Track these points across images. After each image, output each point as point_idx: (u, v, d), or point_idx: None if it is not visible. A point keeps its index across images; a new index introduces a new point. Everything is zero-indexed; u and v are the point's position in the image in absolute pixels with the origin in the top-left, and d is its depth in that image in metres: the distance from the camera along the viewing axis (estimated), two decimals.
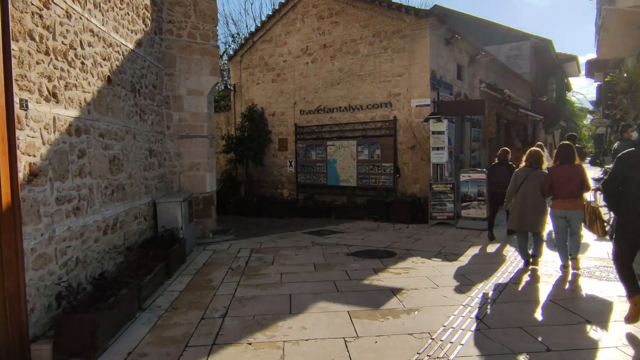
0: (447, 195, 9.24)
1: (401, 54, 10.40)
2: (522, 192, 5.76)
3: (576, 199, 5.42)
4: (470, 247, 7.20)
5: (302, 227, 9.98)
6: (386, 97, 10.71)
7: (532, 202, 5.68)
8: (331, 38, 11.57)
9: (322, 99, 11.84)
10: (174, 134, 7.82)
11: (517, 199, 5.81)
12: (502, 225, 9.05)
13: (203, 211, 8.20)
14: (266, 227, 10.44)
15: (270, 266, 6.32)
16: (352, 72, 11.23)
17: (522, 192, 5.75)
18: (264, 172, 13.40)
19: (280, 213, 11.94)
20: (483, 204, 8.77)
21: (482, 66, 13.83)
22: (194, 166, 8.03)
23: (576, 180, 5.37)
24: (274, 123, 13.05)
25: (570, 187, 5.38)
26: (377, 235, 8.57)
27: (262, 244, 7.97)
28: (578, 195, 5.43)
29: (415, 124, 10.23)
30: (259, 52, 13.25)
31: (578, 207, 5.44)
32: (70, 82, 4.26)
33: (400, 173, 10.57)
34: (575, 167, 5.45)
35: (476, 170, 9.13)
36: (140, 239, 6.16)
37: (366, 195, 10.95)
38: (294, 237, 8.63)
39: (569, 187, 5.38)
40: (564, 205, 5.42)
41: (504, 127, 16.52)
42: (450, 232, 8.58)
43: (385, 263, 6.30)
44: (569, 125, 33.51)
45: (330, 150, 11.67)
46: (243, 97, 13.71)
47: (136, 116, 6.21)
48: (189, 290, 5.27)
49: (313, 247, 7.53)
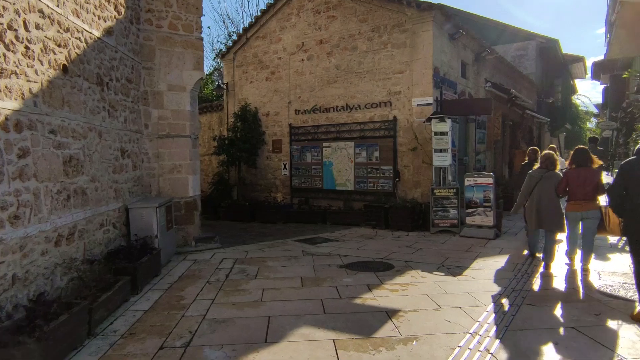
0: (450, 201, 8.56)
1: (402, 50, 9.75)
2: (537, 193, 5.91)
3: (591, 201, 5.53)
4: (476, 259, 6.51)
5: (295, 234, 9.32)
6: (386, 95, 10.05)
7: (547, 202, 5.81)
8: (328, 33, 10.94)
9: (318, 98, 11.20)
10: (153, 133, 7.18)
11: (533, 200, 5.96)
12: (509, 233, 8.38)
13: (185, 217, 7.55)
14: (257, 233, 9.79)
15: (252, 280, 5.65)
16: (349, 69, 10.58)
17: (537, 193, 5.90)
18: (257, 175, 12.75)
19: (273, 218, 11.30)
20: (489, 211, 8.08)
21: (487, 65, 13.16)
22: (175, 168, 7.38)
23: (591, 183, 5.49)
24: (267, 123, 12.42)
25: (585, 189, 5.51)
26: (374, 244, 7.89)
27: (248, 253, 7.31)
28: (593, 198, 5.54)
29: (416, 125, 9.56)
30: (252, 49, 12.63)
31: (593, 208, 5.53)
32: (7, 69, 3.61)
33: (401, 177, 9.89)
34: (591, 171, 5.56)
35: (482, 174, 8.44)
36: (107, 250, 5.51)
37: (364, 200, 10.28)
38: (285, 245, 7.97)
39: (584, 190, 5.51)
40: (579, 207, 5.56)
41: (509, 128, 15.84)
42: (454, 241, 7.90)
43: (381, 277, 5.62)
44: (574, 129, 32.78)
45: (327, 152, 11.01)
46: (236, 96, 13.09)
47: (103, 112, 5.57)
48: (156, 309, 4.61)
49: (303, 258, 6.86)
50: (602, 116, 33.65)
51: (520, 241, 7.76)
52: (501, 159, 14.79)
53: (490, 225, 8.03)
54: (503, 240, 7.81)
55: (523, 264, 6.15)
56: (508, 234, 8.46)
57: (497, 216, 8.19)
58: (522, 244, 7.55)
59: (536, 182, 5.91)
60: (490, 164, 13.39)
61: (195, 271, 6.16)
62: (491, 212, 8.06)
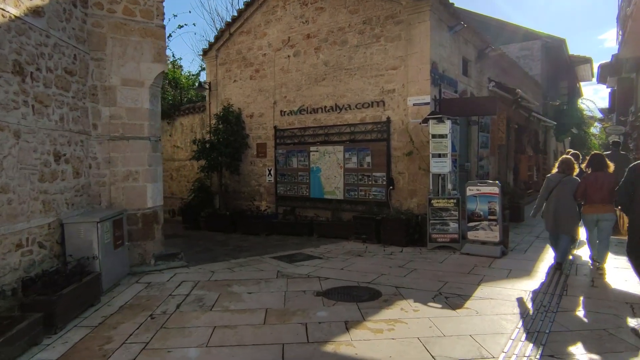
0: (450, 212, 7.52)
1: (396, 43, 8.76)
2: (555, 197, 6.11)
3: (607, 204, 5.77)
4: (480, 285, 5.46)
5: (275, 248, 8.30)
6: (378, 94, 9.05)
7: (565, 205, 6.03)
8: (315, 27, 9.96)
9: (305, 98, 10.21)
10: (104, 134, 6.18)
11: (550, 204, 6.15)
12: (517, 249, 7.30)
13: (142, 232, 6.53)
14: (234, 247, 8.78)
15: (206, 313, 4.62)
16: (339, 65, 9.60)
17: (555, 197, 6.10)
18: (240, 181, 11.74)
19: (255, 229, 10.30)
20: (495, 225, 7.04)
21: (491, 63, 12.17)
22: (129, 175, 6.37)
23: (608, 187, 5.70)
24: (252, 126, 11.42)
25: (602, 193, 5.76)
26: (362, 262, 6.85)
27: (214, 274, 6.28)
28: (609, 201, 5.75)
29: (412, 126, 8.55)
30: (236, 46, 11.67)
31: (609, 211, 5.79)
32: None
33: (395, 185, 8.86)
34: (608, 175, 5.85)
35: (486, 183, 7.39)
36: (27, 276, 4.48)
37: (354, 211, 9.25)
38: (259, 263, 6.94)
39: (602, 193, 5.77)
40: (596, 210, 5.82)
41: (514, 132, 14.80)
42: (454, 260, 6.85)
43: (364, 310, 4.58)
44: (579, 133, 31.68)
45: (314, 157, 9.99)
46: (219, 96, 12.11)
47: (24, 108, 4.57)
48: (68, 359, 3.58)
49: (276, 281, 5.83)
50: (606, 121, 32.64)
51: (530, 260, 6.72)
52: (505, 165, 13.75)
53: (495, 241, 6.98)
54: (511, 260, 6.76)
55: (538, 291, 5.11)
56: (516, 251, 7.41)
57: (503, 231, 7.15)
58: (534, 263, 6.51)
59: (554, 186, 6.12)
60: (494, 170, 12.36)
61: (143, 299, 5.13)
62: (497, 226, 7.01)
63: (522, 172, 14.69)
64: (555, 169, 6.31)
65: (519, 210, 10.25)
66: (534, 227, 9.66)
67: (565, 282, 5.54)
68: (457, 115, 8.27)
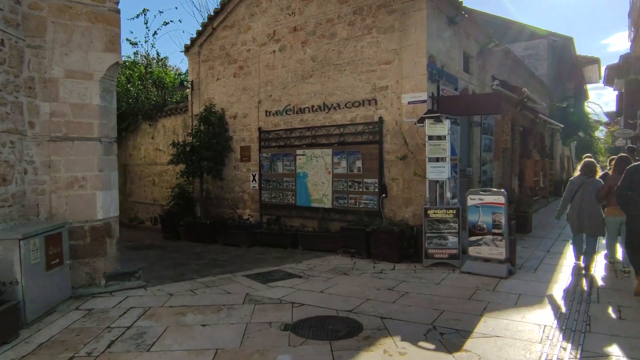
0: (449, 225, 6.60)
1: (389, 35, 7.87)
2: (578, 198, 6.20)
3: None
4: (484, 316, 4.51)
5: (253, 264, 7.41)
6: (370, 91, 8.15)
7: (589, 207, 6.10)
8: (303, 19, 9.09)
9: (291, 96, 9.33)
10: (42, 134, 5.30)
11: (575, 205, 6.25)
12: (526, 267, 6.31)
13: (91, 247, 5.64)
14: (208, 261, 7.89)
15: (141, 355, 3.70)
16: (327, 60, 8.71)
17: (579, 198, 6.19)
18: (224, 187, 10.85)
19: (237, 240, 9.42)
20: (500, 240, 6.10)
21: (494, 60, 11.26)
22: (75, 182, 5.49)
23: None
24: (235, 127, 10.55)
25: None
26: (346, 283, 5.92)
27: (172, 297, 5.38)
28: None
29: (406, 127, 7.64)
30: (219, 41, 10.82)
31: None
32: None
33: (388, 192, 7.94)
34: None
35: (490, 191, 6.44)
36: None
37: (344, 221, 8.33)
38: (229, 284, 6.03)
39: None
40: (619, 212, 5.62)
41: (519, 135, 13.87)
42: (453, 281, 5.91)
43: (337, 353, 3.66)
44: (586, 137, 30.64)
45: (300, 161, 9.09)
46: (202, 95, 11.26)
47: None
48: None
49: (242, 308, 4.91)
50: (612, 125, 31.62)
51: (542, 282, 5.77)
52: (510, 170, 12.80)
53: (501, 258, 6.04)
54: (519, 281, 5.81)
55: (555, 324, 4.17)
56: (524, 269, 6.46)
57: (510, 246, 6.21)
58: (546, 286, 5.57)
59: (577, 189, 6.22)
60: (498, 176, 11.42)
61: (73, 333, 4.22)
62: (502, 241, 6.08)
63: (528, 177, 13.72)
64: (578, 171, 6.52)
65: (525, 220, 9.29)
66: (542, 239, 8.70)
67: (587, 311, 4.61)
68: (457, 114, 7.36)
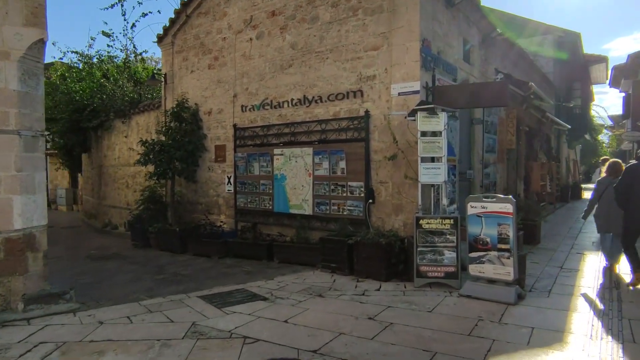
0: (445, 237, 5.52)
1: (377, 17, 6.84)
2: (606, 199, 6.16)
3: None
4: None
5: (217, 280, 6.39)
6: (355, 82, 7.11)
7: (616, 207, 5.81)
8: (282, 2, 8.06)
9: (269, 89, 8.29)
10: None
11: (603, 206, 6.27)
12: (537, 289, 5.20)
13: (6, 264, 4.59)
14: (169, 276, 6.90)
15: None
16: (308, 48, 7.68)
17: (607, 199, 6.12)
18: (197, 191, 9.81)
19: (208, 250, 8.39)
20: (507, 257, 5.02)
21: (498, 52, 10.23)
22: None
23: None
24: (210, 124, 9.51)
25: None
26: (319, 309, 4.85)
27: (100, 326, 4.33)
28: None
29: (396, 122, 6.59)
30: (194, 30, 9.81)
31: None
32: None
33: (375, 198, 6.88)
34: None
35: (496, 198, 5.34)
36: None
37: (326, 230, 7.27)
38: (178, 307, 4.97)
39: None
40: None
41: (525, 135, 12.81)
42: (449, 307, 4.83)
43: None
44: (591, 140, 29.57)
45: (278, 162, 8.04)
46: (175, 90, 10.24)
47: None
48: None
49: (177, 346, 3.84)
50: (617, 128, 30.54)
51: (559, 309, 4.68)
52: (515, 174, 11.73)
53: (508, 280, 4.96)
54: (531, 308, 4.72)
55: None
56: (536, 291, 5.36)
57: (519, 263, 5.13)
58: (564, 315, 4.50)
59: (604, 189, 6.26)
60: (503, 179, 10.35)
61: None
62: (510, 258, 4.99)
63: (534, 182, 12.63)
64: (604, 173, 6.53)
65: (534, 230, 8.18)
66: (554, 252, 7.61)
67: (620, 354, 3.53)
68: (455, 106, 6.29)
